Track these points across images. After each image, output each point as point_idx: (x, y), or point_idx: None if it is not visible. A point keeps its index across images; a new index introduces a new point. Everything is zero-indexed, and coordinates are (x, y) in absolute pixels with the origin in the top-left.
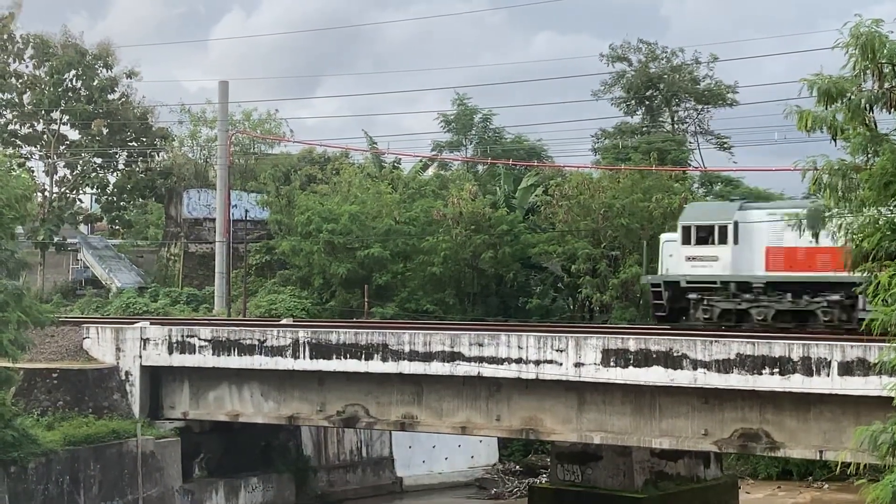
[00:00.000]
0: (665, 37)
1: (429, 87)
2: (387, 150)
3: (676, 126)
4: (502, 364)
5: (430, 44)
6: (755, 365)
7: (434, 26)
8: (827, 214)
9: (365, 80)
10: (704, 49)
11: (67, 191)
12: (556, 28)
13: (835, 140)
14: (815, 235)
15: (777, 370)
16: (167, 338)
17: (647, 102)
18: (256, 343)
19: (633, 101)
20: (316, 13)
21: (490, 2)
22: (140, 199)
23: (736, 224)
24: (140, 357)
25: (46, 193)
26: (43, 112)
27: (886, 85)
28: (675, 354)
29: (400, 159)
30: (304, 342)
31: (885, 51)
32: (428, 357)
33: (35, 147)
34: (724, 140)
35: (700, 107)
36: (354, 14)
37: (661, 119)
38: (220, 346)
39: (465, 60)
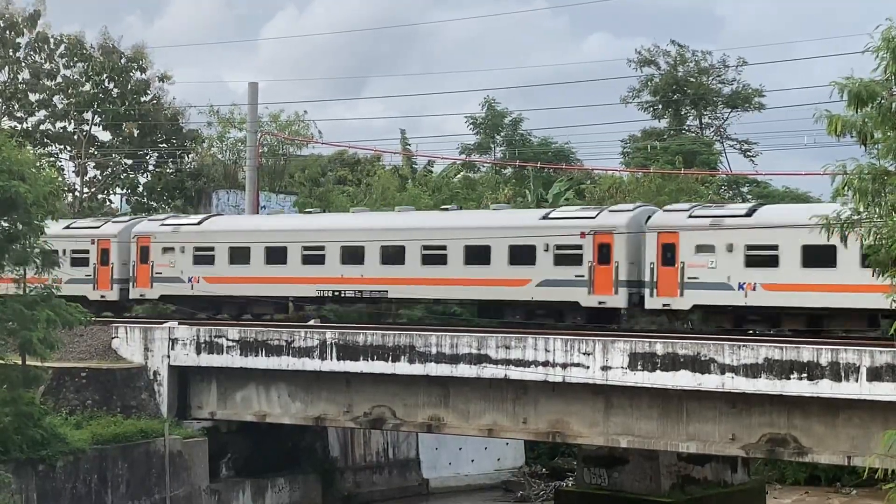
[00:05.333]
0: (719, 37)
1: (477, 88)
2: (416, 152)
3: (703, 130)
4: (529, 367)
5: (484, 45)
6: (783, 370)
7: (491, 27)
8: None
9: (413, 81)
10: (755, 51)
11: (97, 191)
12: (612, 30)
13: (864, 144)
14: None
15: (805, 375)
16: (195, 338)
17: (674, 107)
18: (284, 344)
19: (660, 105)
20: (372, 13)
21: (549, 2)
22: (170, 200)
23: None
24: (168, 357)
25: (77, 193)
26: (74, 112)
27: None
28: (702, 359)
29: (433, 161)
30: (331, 343)
31: None
32: (455, 359)
33: (66, 147)
34: (750, 145)
35: (727, 111)
36: (413, 14)
37: (687, 123)
38: (247, 347)
39: (518, 62)
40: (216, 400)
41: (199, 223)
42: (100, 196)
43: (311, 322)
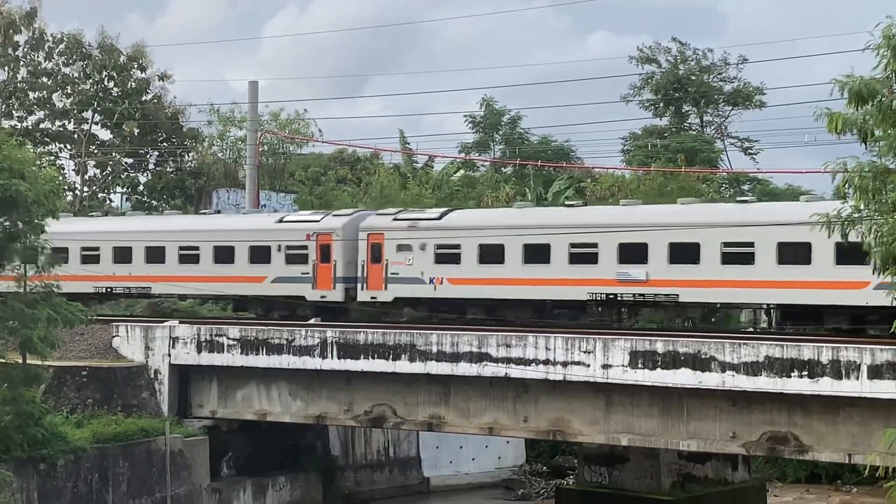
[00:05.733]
0: (722, 35)
1: (479, 86)
2: (416, 150)
3: (704, 128)
4: (530, 365)
5: (486, 43)
6: (784, 368)
7: (492, 26)
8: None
9: (415, 79)
10: (758, 48)
11: (98, 190)
12: (614, 29)
13: (865, 142)
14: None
15: (806, 373)
16: (196, 337)
17: (675, 104)
18: (284, 342)
19: (661, 103)
20: (373, 11)
21: (551, 0)
22: (170, 199)
23: None
24: (169, 356)
25: (77, 192)
26: (74, 111)
27: None
28: (703, 356)
29: (434, 159)
30: (331, 342)
31: None
32: (455, 357)
33: (65, 145)
34: (751, 143)
35: (728, 109)
36: (414, 12)
37: (688, 122)
38: (248, 346)
39: (520, 61)
40: (217, 398)
41: None
42: (100, 195)
43: (312, 321)
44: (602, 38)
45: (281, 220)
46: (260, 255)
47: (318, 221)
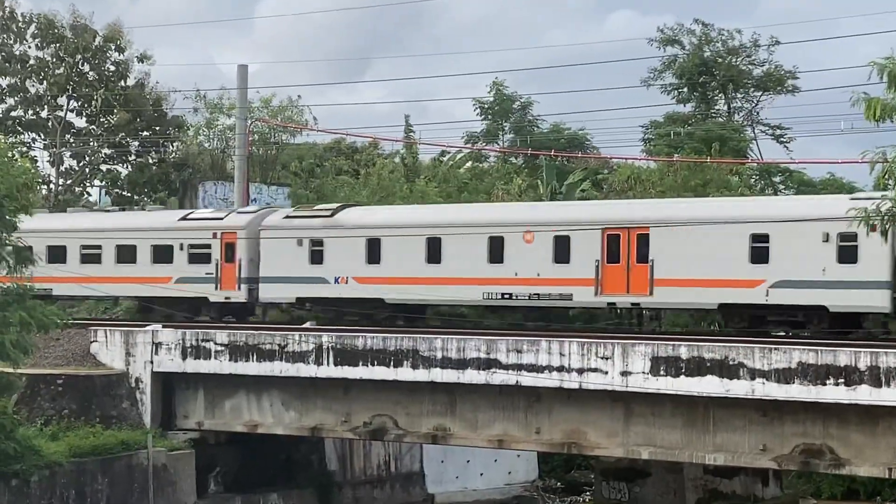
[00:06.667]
0: (754, 15)
1: (490, 70)
2: (419, 139)
3: (732, 115)
4: (542, 372)
5: (498, 23)
6: (818, 375)
7: (505, 3)
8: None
9: (420, 63)
10: (792, 28)
11: (74, 183)
12: (638, 7)
13: None
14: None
15: (842, 380)
16: (181, 342)
17: (700, 89)
18: (277, 348)
19: (685, 89)
20: None
21: None
22: (153, 194)
23: None
24: (151, 363)
25: (52, 185)
26: (49, 98)
27: None
28: (730, 363)
29: (444, 152)
30: (327, 347)
31: None
32: (462, 364)
33: (39, 135)
34: (783, 130)
35: (758, 94)
36: None
37: (715, 108)
38: (237, 352)
39: (533, 41)
40: (203, 409)
41: None
42: (77, 188)
43: (307, 324)
44: (624, 17)
45: None
46: None
47: None
